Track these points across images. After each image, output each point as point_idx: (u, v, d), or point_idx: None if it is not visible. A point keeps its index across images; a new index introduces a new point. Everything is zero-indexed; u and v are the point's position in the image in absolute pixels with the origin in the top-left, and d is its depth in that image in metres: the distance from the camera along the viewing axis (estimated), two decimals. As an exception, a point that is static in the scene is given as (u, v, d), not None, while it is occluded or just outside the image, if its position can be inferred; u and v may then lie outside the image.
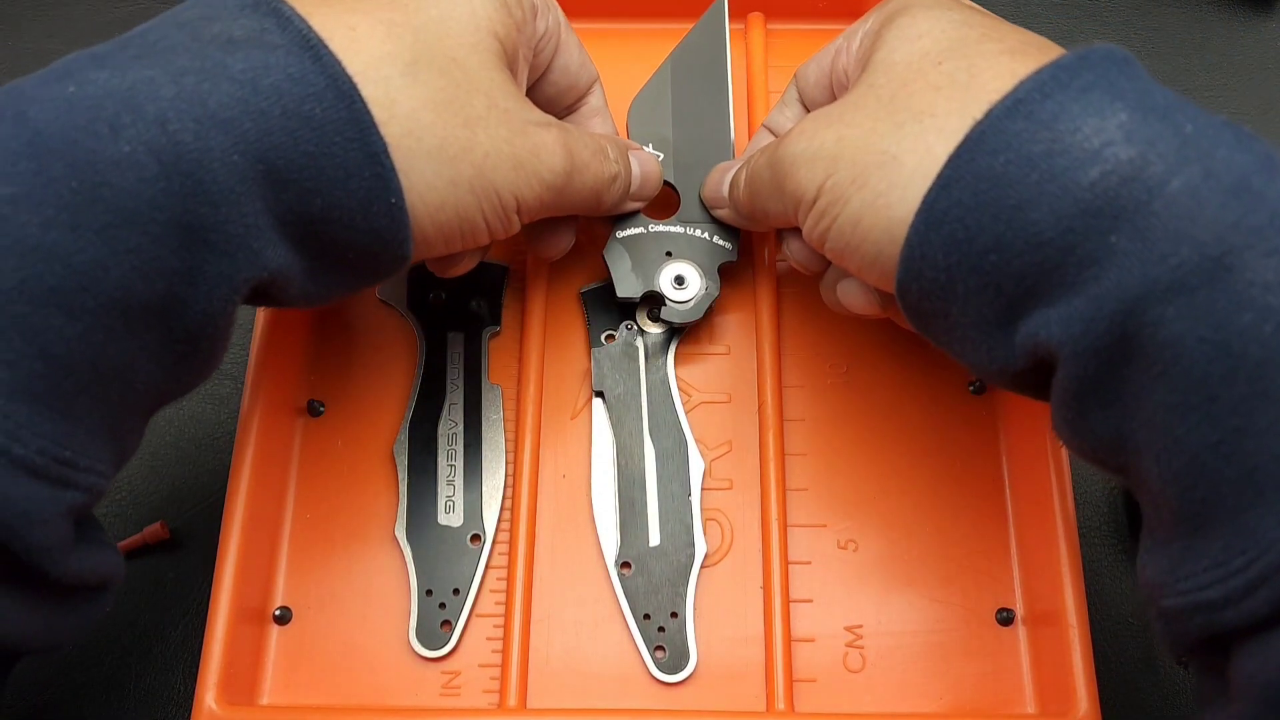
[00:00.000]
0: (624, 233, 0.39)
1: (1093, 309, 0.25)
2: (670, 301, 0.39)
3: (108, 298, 0.25)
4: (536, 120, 0.32)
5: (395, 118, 0.29)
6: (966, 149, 0.27)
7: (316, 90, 0.27)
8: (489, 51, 0.31)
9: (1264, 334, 0.23)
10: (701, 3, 0.47)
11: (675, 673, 0.36)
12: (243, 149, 0.26)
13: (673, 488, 0.38)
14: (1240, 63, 0.51)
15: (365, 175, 0.28)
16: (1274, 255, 0.23)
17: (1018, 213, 0.26)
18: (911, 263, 0.28)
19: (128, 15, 0.52)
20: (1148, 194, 0.25)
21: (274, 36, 0.28)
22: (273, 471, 0.38)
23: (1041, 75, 0.27)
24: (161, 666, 0.39)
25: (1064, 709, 0.34)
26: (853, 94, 0.31)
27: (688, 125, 0.41)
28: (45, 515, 0.25)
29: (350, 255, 0.30)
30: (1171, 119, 0.26)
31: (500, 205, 0.31)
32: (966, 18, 0.30)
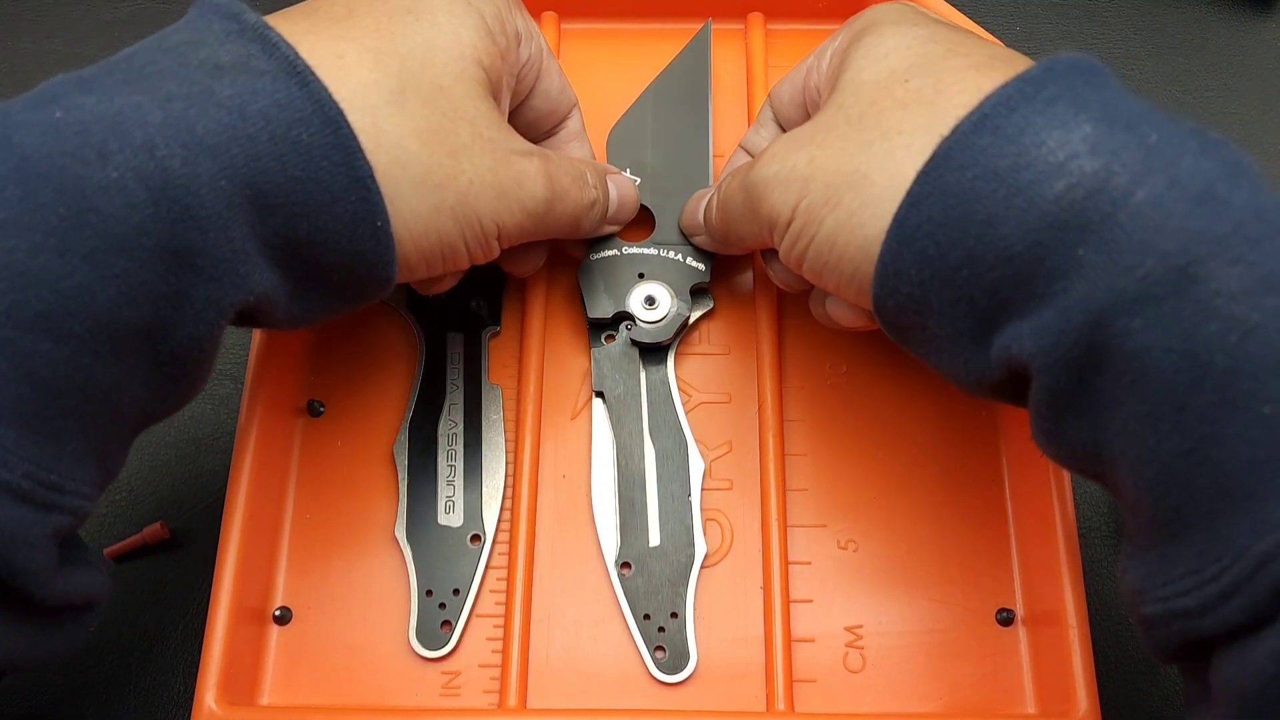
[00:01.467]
0: (598, 255, 0.40)
1: (1062, 321, 0.25)
2: (640, 322, 0.39)
3: (95, 322, 0.25)
4: (519, 149, 0.33)
5: (382, 146, 0.29)
6: (935, 165, 0.27)
7: (303, 116, 0.27)
8: (474, 80, 0.31)
9: (1229, 343, 0.23)
10: (701, 2, 0.47)
11: (675, 673, 0.36)
12: (230, 174, 0.27)
13: (673, 488, 0.38)
14: (1240, 63, 0.51)
15: (351, 199, 0.28)
16: (1238, 264, 0.24)
17: (987, 227, 0.26)
18: (886, 279, 0.29)
19: (127, 15, 0.52)
20: (1113, 205, 0.25)
21: (261, 63, 0.28)
22: (273, 471, 0.38)
23: (1007, 89, 0.27)
24: (161, 666, 0.39)
25: (1064, 709, 0.34)
26: (822, 115, 0.31)
27: (667, 151, 0.42)
28: (31, 539, 0.25)
29: (335, 278, 0.30)
30: (1136, 129, 0.26)
31: (481, 232, 0.32)
32: (933, 33, 0.30)
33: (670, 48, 0.46)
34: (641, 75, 0.45)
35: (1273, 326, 0.23)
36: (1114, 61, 0.51)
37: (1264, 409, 0.23)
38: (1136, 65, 0.51)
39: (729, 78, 0.46)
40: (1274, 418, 0.23)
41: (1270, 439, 0.23)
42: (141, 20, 0.52)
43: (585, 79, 0.46)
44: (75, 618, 0.28)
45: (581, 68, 0.46)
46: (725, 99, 0.45)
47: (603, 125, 0.44)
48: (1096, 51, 0.51)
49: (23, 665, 0.27)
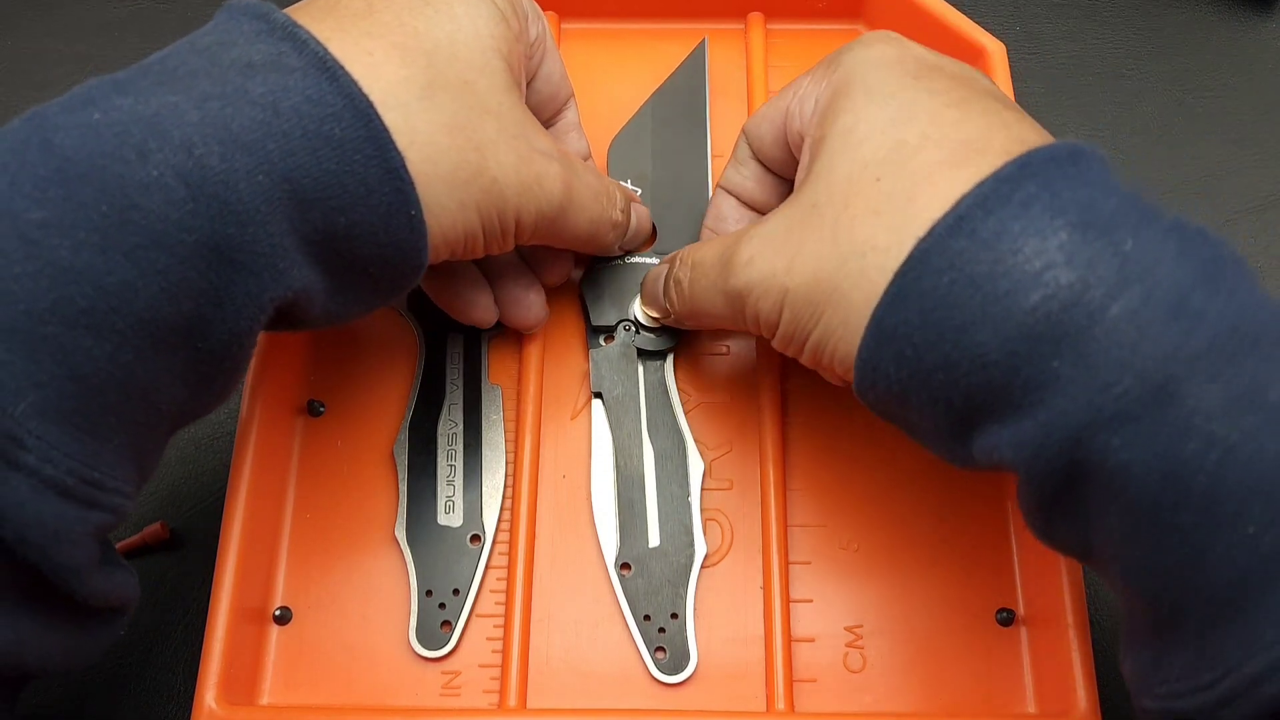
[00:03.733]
0: (602, 264, 0.40)
1: (1041, 435, 0.26)
2: (643, 330, 0.39)
3: (137, 318, 0.25)
4: (543, 150, 0.33)
5: (415, 143, 0.29)
6: (912, 266, 0.27)
7: (335, 110, 0.28)
8: (496, 73, 0.32)
9: (1209, 463, 0.23)
10: (701, 2, 0.47)
11: (676, 673, 0.36)
12: (267, 170, 0.27)
13: (672, 488, 0.38)
14: (1240, 63, 0.51)
15: (386, 191, 0.29)
16: (1215, 381, 0.24)
17: (963, 333, 0.26)
18: (865, 373, 0.29)
19: (128, 15, 0.52)
20: (1088, 319, 0.25)
21: (291, 60, 0.28)
22: (273, 471, 0.38)
23: (983, 189, 0.27)
24: (161, 666, 0.39)
25: (1064, 709, 0.34)
26: (798, 208, 0.30)
27: (666, 163, 0.42)
28: (74, 535, 0.25)
29: (372, 270, 0.31)
30: (1112, 235, 0.26)
31: (500, 226, 0.32)
32: (907, 108, 0.29)
33: (670, 48, 0.46)
34: (641, 75, 0.45)
35: (1251, 446, 0.23)
36: (1114, 61, 0.51)
37: (1247, 529, 0.23)
38: (1136, 65, 0.51)
39: (729, 78, 0.46)
40: (1256, 538, 0.23)
41: (1254, 559, 0.23)
42: (142, 20, 0.52)
43: (585, 79, 0.46)
44: (108, 621, 0.29)
45: (581, 68, 0.46)
46: (725, 99, 0.45)
47: (602, 124, 0.44)
48: (1096, 51, 0.51)
49: (53, 669, 0.27)
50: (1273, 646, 0.23)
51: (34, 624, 0.26)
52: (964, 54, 0.43)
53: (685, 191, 0.42)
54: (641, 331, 0.40)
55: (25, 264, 0.24)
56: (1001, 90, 0.32)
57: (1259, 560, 0.23)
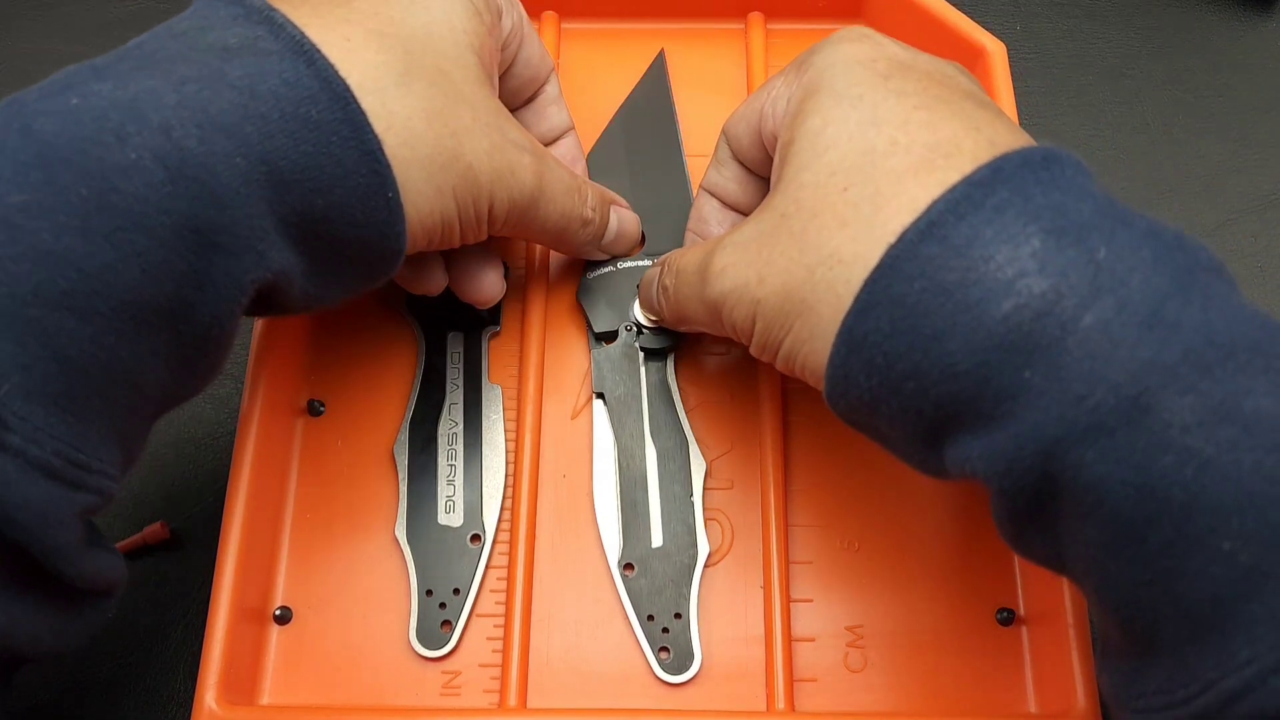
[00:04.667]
0: (594, 273, 0.41)
1: (1014, 449, 0.25)
2: (645, 329, 0.40)
3: (119, 300, 0.26)
4: (516, 141, 0.33)
5: (392, 127, 0.30)
6: (882, 274, 0.27)
7: (312, 93, 0.28)
8: (469, 66, 0.32)
9: (1185, 477, 0.23)
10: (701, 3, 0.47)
11: (680, 673, 0.36)
12: (245, 152, 0.27)
13: (674, 488, 0.38)
14: (1240, 63, 0.51)
15: (363, 172, 0.29)
16: (1189, 394, 0.23)
17: (934, 342, 0.26)
18: (836, 382, 0.29)
19: (128, 15, 0.52)
20: (1061, 330, 0.24)
21: (268, 43, 0.28)
22: (273, 471, 0.38)
23: (955, 194, 0.26)
24: (161, 666, 0.39)
25: (1064, 709, 0.34)
26: (768, 220, 0.30)
27: (644, 172, 0.43)
28: (61, 516, 0.25)
29: (350, 251, 0.31)
30: (1086, 242, 0.25)
31: (475, 212, 0.33)
32: (875, 111, 0.29)
33: (670, 47, 0.46)
34: (641, 74, 0.45)
35: (1227, 459, 0.23)
36: (1114, 61, 0.51)
37: (1223, 544, 0.23)
38: (1135, 64, 0.51)
39: (729, 78, 0.46)
40: (1233, 554, 0.23)
41: (1230, 575, 0.23)
42: (142, 20, 0.52)
43: (585, 79, 0.46)
44: (96, 603, 0.29)
45: (581, 68, 0.46)
46: (725, 99, 0.45)
47: (601, 124, 0.44)
48: (1096, 51, 0.51)
49: (44, 650, 0.27)
50: (1248, 664, 0.23)
51: (23, 605, 0.26)
52: (964, 54, 0.43)
53: (667, 196, 0.42)
54: (644, 331, 0.40)
55: (6, 248, 0.24)
56: (980, 87, 0.32)
57: (1235, 576, 0.23)
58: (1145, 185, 0.48)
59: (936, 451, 0.28)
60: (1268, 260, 0.47)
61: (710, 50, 0.46)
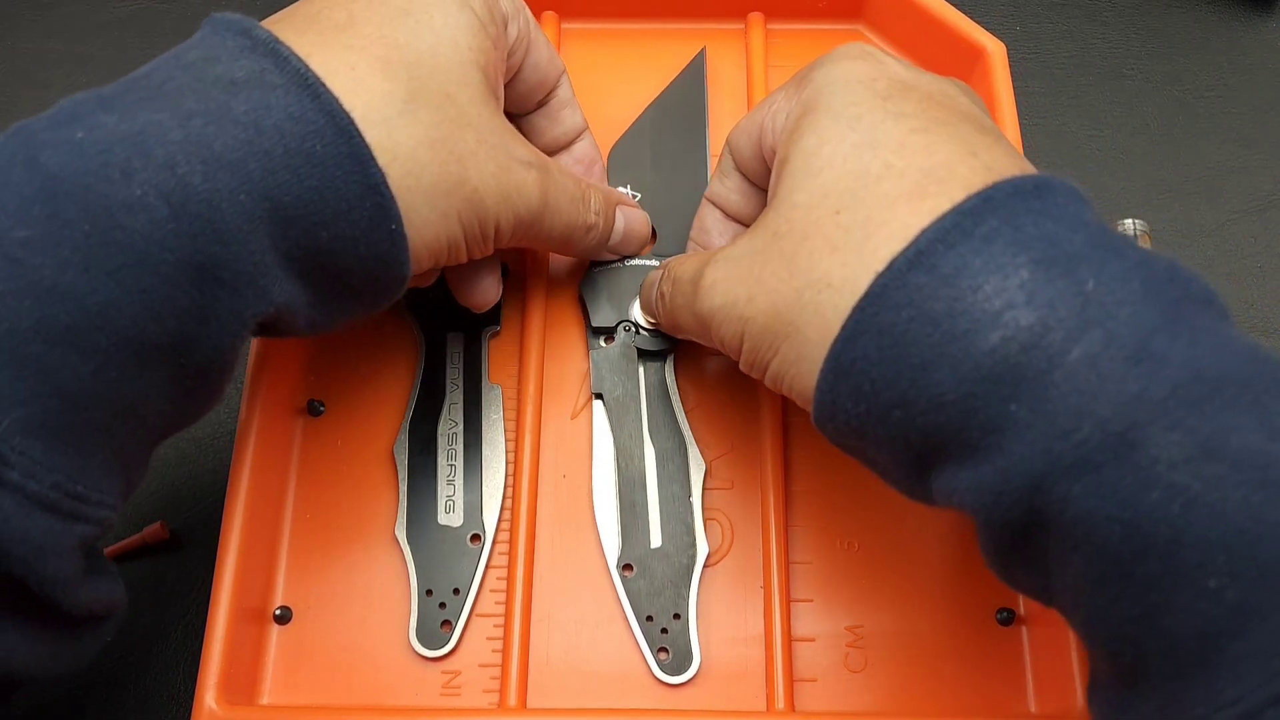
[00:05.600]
0: (600, 266, 0.41)
1: (1000, 482, 0.25)
2: (642, 331, 0.40)
3: (120, 336, 0.26)
4: (521, 158, 0.33)
5: (397, 158, 0.30)
6: (870, 301, 0.27)
7: (316, 128, 0.28)
8: (475, 85, 0.32)
9: (1172, 514, 0.23)
10: (701, 2, 0.47)
11: (679, 674, 0.36)
12: (249, 188, 0.27)
13: (673, 489, 0.38)
14: (1240, 63, 0.51)
15: (367, 206, 0.29)
16: (1176, 429, 0.23)
17: (920, 372, 0.26)
18: (824, 407, 0.29)
19: (128, 15, 0.52)
20: (1048, 363, 0.24)
21: (273, 77, 0.28)
22: (273, 471, 0.38)
23: (945, 223, 0.26)
24: (161, 666, 0.39)
25: (1064, 709, 0.34)
26: (759, 239, 0.30)
27: (666, 170, 0.43)
28: (59, 548, 0.26)
29: (354, 282, 0.31)
30: (1075, 274, 0.25)
31: (481, 233, 0.33)
32: (872, 134, 0.29)
33: (670, 48, 0.46)
34: (642, 75, 0.45)
35: (1213, 496, 0.23)
36: (1113, 61, 0.51)
37: (1209, 581, 0.23)
38: (1135, 65, 0.51)
39: (729, 78, 0.46)
40: (1220, 591, 0.23)
41: (1217, 611, 0.23)
42: (142, 20, 0.52)
43: (585, 79, 0.46)
44: (94, 628, 0.29)
45: (581, 68, 0.46)
46: (725, 99, 0.45)
47: (603, 124, 0.44)
48: (1096, 51, 0.51)
49: (41, 675, 0.28)
50: (1235, 704, 0.23)
51: (20, 633, 0.26)
52: (964, 54, 0.43)
53: (684, 197, 0.42)
54: (641, 332, 0.40)
55: (9, 283, 0.24)
56: (983, 106, 0.32)
57: (1221, 613, 0.23)
58: (1145, 185, 0.48)
59: (924, 480, 0.28)
60: (1268, 260, 0.47)
61: (710, 50, 0.46)
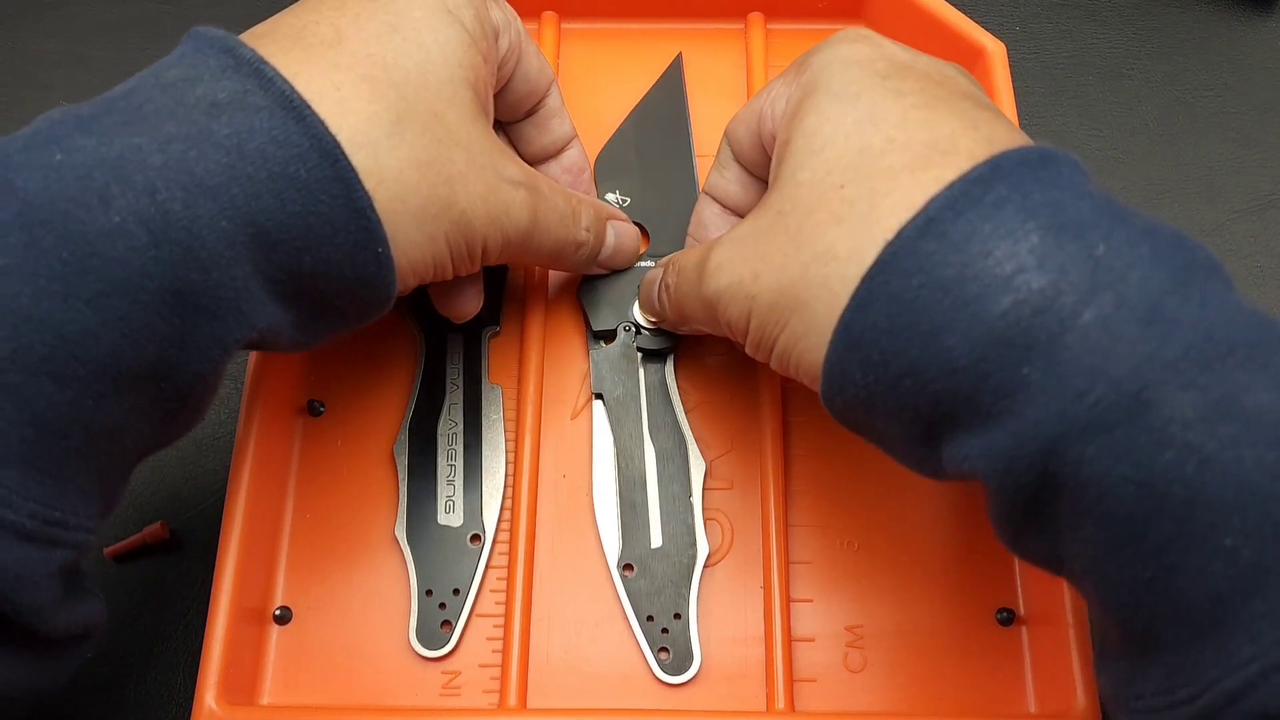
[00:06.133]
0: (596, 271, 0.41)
1: (1013, 446, 0.25)
2: (644, 330, 0.40)
3: (99, 365, 0.25)
4: (510, 178, 0.33)
5: (383, 181, 0.29)
6: (880, 270, 0.27)
7: (301, 152, 0.28)
8: (464, 103, 0.32)
9: (1186, 473, 0.23)
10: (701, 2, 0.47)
11: (679, 674, 0.36)
12: (231, 214, 0.27)
13: (674, 489, 0.38)
14: (1240, 63, 0.51)
15: (352, 229, 0.29)
16: (1190, 389, 0.23)
17: (931, 338, 0.26)
18: (832, 379, 0.29)
19: (128, 15, 0.52)
20: (1060, 326, 0.24)
21: (257, 98, 0.28)
22: (273, 471, 0.38)
23: (953, 191, 0.26)
24: (161, 666, 0.39)
25: (1064, 709, 0.34)
26: (763, 219, 0.30)
27: (653, 173, 0.43)
28: (36, 577, 0.25)
29: (338, 303, 0.31)
30: (1084, 238, 0.25)
31: (468, 253, 0.33)
32: (872, 110, 0.29)
33: (671, 48, 0.46)
34: (642, 75, 0.45)
35: (1228, 455, 0.23)
36: (1113, 61, 0.51)
37: (1225, 541, 0.23)
38: (1135, 64, 0.51)
39: (729, 78, 0.46)
40: (1234, 550, 0.23)
41: (1231, 571, 0.23)
42: (142, 20, 0.52)
43: (585, 79, 0.46)
44: (73, 647, 0.29)
45: (581, 68, 0.46)
46: (725, 99, 0.45)
47: (602, 124, 0.44)
48: (1096, 51, 0.51)
49: (21, 696, 0.27)
50: (1250, 663, 0.23)
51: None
52: (964, 54, 0.43)
53: (674, 198, 0.42)
54: (642, 332, 0.40)
55: None
56: (980, 88, 0.32)
57: (1236, 573, 0.23)
58: (1145, 185, 0.48)
59: (934, 450, 0.28)
60: (1267, 260, 0.47)
61: (710, 50, 0.46)
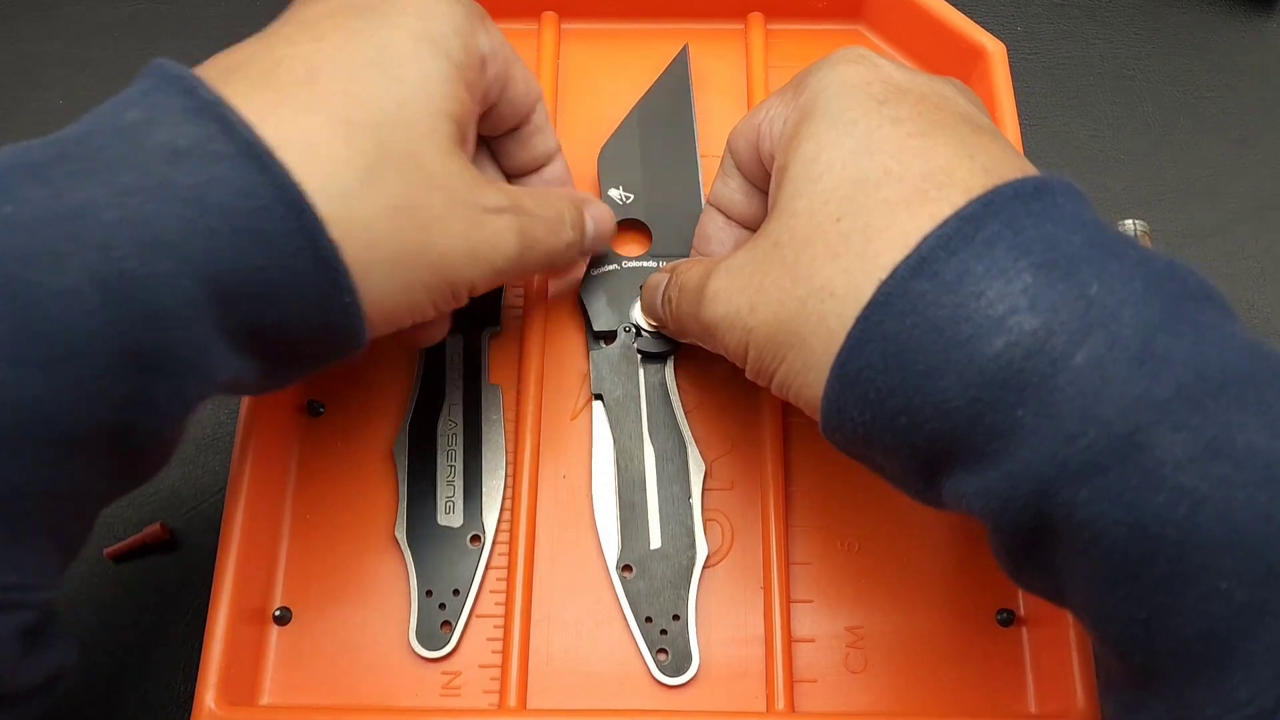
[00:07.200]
0: (599, 271, 0.41)
1: (1007, 488, 0.25)
2: (645, 332, 0.40)
3: (52, 432, 0.25)
4: (492, 206, 0.32)
5: (354, 232, 0.28)
6: (874, 310, 0.27)
7: (265, 204, 0.26)
8: (445, 137, 0.31)
9: (1179, 515, 0.23)
10: (701, 2, 0.47)
11: (678, 675, 0.36)
12: (191, 271, 0.26)
13: (673, 490, 0.38)
14: (1240, 63, 0.51)
15: (318, 282, 0.28)
16: (1181, 430, 0.23)
17: (925, 379, 0.26)
18: (830, 415, 0.29)
19: (128, 15, 0.52)
20: (1052, 368, 0.24)
21: (220, 145, 0.26)
22: (273, 471, 0.38)
23: (946, 229, 0.26)
24: (161, 667, 0.39)
25: (1064, 709, 0.34)
26: (760, 248, 0.30)
27: (657, 168, 0.43)
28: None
29: (306, 351, 0.30)
30: (1077, 275, 0.25)
31: (452, 294, 0.32)
32: (869, 139, 0.29)
33: (671, 48, 0.46)
34: (642, 75, 0.45)
35: (1220, 496, 0.23)
36: (1114, 61, 0.51)
37: (1219, 584, 0.23)
38: (1136, 65, 0.51)
39: (729, 78, 0.46)
40: (1228, 591, 0.23)
41: (1226, 612, 0.23)
42: (142, 21, 0.52)
43: (585, 79, 0.46)
44: (40, 694, 0.28)
45: (581, 68, 0.46)
46: (725, 99, 0.45)
47: (601, 125, 0.44)
48: (1097, 51, 0.51)
49: None
50: (1247, 704, 0.23)
51: None
52: (964, 54, 0.43)
53: (677, 194, 0.42)
54: (642, 334, 0.40)
55: None
56: (979, 103, 0.32)
57: (1231, 614, 0.23)
58: (1146, 186, 0.48)
59: (933, 485, 0.28)
60: (1268, 261, 0.46)
61: (710, 50, 0.46)
